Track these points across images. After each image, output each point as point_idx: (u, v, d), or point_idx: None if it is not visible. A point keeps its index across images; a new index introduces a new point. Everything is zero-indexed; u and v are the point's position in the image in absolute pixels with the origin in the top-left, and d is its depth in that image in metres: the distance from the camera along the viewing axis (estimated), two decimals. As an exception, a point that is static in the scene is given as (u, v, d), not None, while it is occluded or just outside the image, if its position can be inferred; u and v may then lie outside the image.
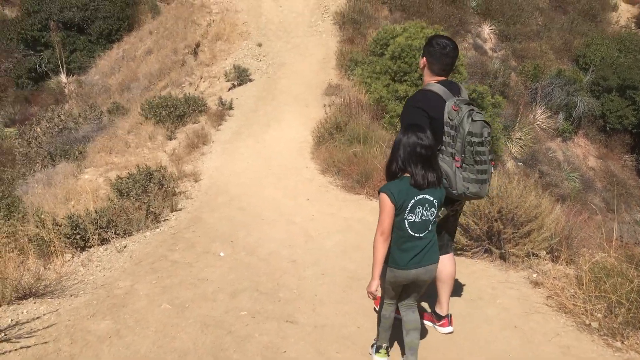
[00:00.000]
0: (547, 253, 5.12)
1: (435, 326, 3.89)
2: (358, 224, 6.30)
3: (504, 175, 6.17)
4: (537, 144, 16.29)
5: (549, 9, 20.36)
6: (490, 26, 17.90)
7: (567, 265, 4.84)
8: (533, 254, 5.00)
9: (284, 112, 11.44)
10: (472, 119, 3.27)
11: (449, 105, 3.36)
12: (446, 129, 3.34)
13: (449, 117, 3.34)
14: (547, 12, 20.04)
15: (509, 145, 15.43)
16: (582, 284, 4.14)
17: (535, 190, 5.34)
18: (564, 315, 4.07)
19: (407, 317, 3.27)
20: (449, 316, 3.85)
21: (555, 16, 20.19)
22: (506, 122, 15.09)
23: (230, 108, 11.89)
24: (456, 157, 3.32)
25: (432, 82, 3.53)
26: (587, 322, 3.89)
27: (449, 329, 3.84)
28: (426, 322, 3.93)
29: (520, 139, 15.77)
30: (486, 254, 5.16)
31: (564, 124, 17.30)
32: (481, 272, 4.87)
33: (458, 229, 5.28)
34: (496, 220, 5.02)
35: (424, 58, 3.56)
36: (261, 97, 12.56)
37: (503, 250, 5.06)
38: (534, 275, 4.69)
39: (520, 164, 15.60)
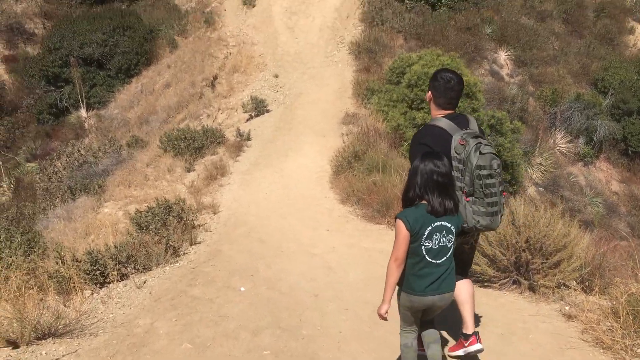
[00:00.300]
0: (577, 283, 4.94)
1: (466, 348, 3.70)
2: (380, 255, 6.16)
3: (529, 203, 6.02)
4: (558, 169, 16.04)
5: (564, 34, 20.29)
6: (506, 52, 17.86)
7: (600, 296, 4.64)
8: (563, 285, 4.82)
9: (302, 142, 11.42)
10: (480, 152, 3.28)
11: (456, 139, 3.37)
12: (454, 163, 3.34)
13: (455, 152, 3.35)
14: (563, 37, 19.96)
15: (529, 170, 15.21)
16: (619, 317, 3.95)
17: (563, 218, 5.19)
18: (601, 350, 3.87)
19: (426, 332, 3.29)
20: (476, 333, 3.69)
21: (571, 40, 20.10)
22: (526, 148, 14.90)
23: (248, 139, 11.92)
24: (464, 191, 3.32)
25: (438, 116, 3.56)
26: (628, 358, 3.70)
27: (477, 346, 3.65)
28: (456, 353, 3.76)
29: (540, 164, 15.55)
30: (514, 286, 4.98)
31: (584, 148, 17.04)
32: (510, 305, 4.70)
33: (485, 259, 5.14)
34: (524, 251, 4.86)
35: (429, 92, 3.61)
36: (279, 128, 12.58)
37: (532, 281, 4.89)
38: (567, 308, 4.50)
39: (541, 189, 15.35)
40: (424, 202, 3.02)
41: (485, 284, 5.05)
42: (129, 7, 22.31)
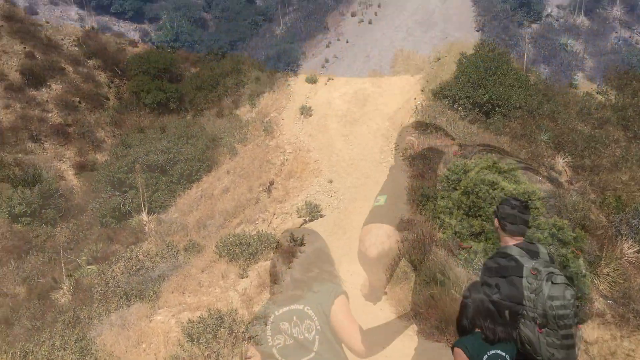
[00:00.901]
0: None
1: None
2: (440, 379, 5.78)
3: (601, 325, 5.58)
4: (627, 281, 15.07)
5: (624, 140, 19.94)
6: (564, 158, 17.58)
7: None
8: None
9: (356, 248, 11.28)
10: (552, 281, 3.24)
11: (527, 269, 3.36)
12: (526, 293, 3.31)
13: (527, 282, 3.33)
14: (623, 143, 19.60)
15: (596, 282, 14.36)
16: None
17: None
18: None
19: None
20: None
21: (632, 147, 19.68)
22: (591, 258, 14.18)
23: (302, 244, 11.88)
24: (537, 322, 3.25)
25: (509, 244, 3.58)
26: None
27: None
28: None
29: (608, 275, 14.68)
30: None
31: (656, 258, 16.05)
32: None
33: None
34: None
35: (496, 220, 3.70)
36: (332, 233, 12.55)
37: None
38: None
39: (610, 302, 14.37)
40: (477, 330, 3.14)
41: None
42: (194, 118, 23.67)
